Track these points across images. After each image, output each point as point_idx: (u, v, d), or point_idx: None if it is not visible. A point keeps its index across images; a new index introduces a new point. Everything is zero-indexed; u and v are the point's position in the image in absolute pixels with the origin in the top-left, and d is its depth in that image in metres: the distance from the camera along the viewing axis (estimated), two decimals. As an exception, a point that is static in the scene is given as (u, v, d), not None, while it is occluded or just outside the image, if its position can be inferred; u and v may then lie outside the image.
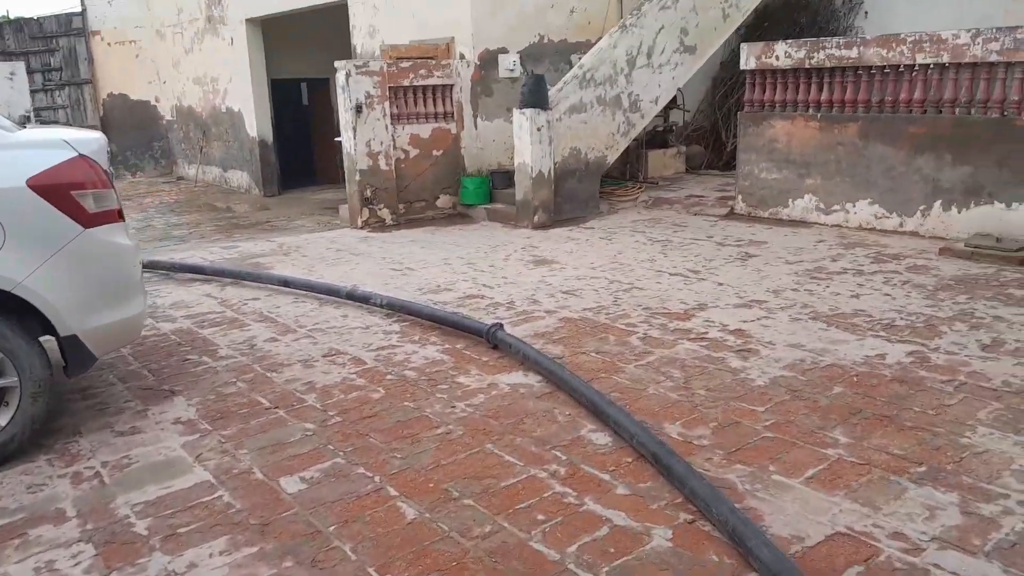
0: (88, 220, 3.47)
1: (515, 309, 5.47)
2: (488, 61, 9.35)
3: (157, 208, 12.69)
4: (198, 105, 15.60)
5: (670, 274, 6.20)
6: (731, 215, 8.36)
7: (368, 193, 8.85)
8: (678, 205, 9.01)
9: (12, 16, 17.16)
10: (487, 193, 9.30)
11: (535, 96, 8.18)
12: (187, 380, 4.37)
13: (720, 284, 5.83)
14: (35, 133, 3.61)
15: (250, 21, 13.23)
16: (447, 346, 4.75)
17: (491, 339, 4.62)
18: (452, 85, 9.25)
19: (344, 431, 3.63)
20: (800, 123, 7.65)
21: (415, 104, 9.11)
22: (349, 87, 8.54)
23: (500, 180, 9.27)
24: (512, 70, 9.37)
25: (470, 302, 5.70)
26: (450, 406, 3.85)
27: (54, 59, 16.91)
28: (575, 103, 8.61)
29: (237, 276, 6.60)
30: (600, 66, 8.69)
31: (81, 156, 3.49)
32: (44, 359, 3.45)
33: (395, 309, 5.41)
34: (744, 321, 4.95)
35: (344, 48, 11.17)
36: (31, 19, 17.38)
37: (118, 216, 3.66)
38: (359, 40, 10.92)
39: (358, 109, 8.59)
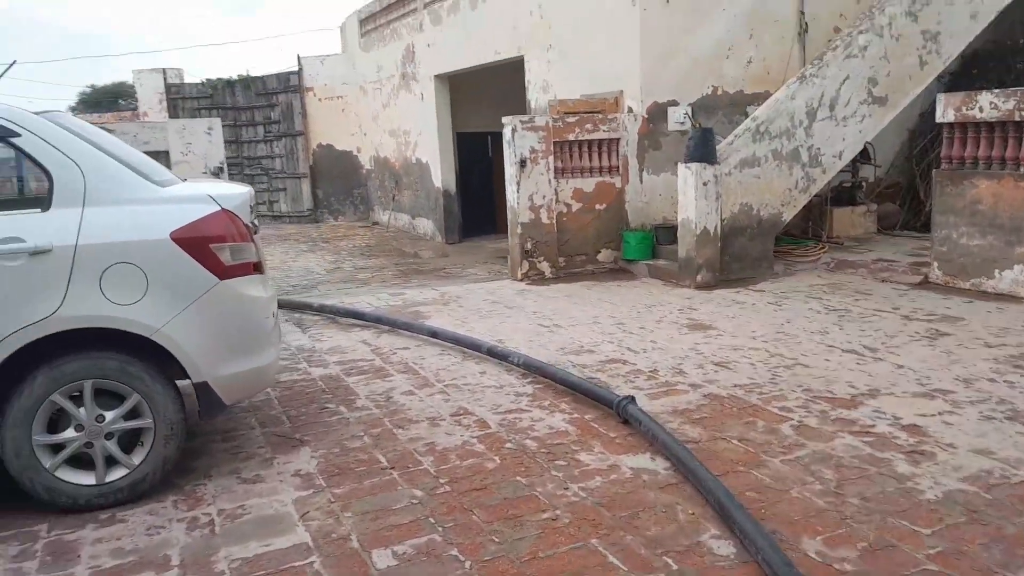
0: (224, 272, 3.62)
1: (657, 379, 5.11)
2: (657, 114, 9.10)
3: (349, 251, 13.49)
4: (392, 156, 16.59)
5: (842, 351, 5.55)
6: (925, 284, 7.42)
7: (528, 246, 8.84)
8: (863, 269, 8.17)
9: (242, 75, 19.39)
10: (649, 248, 8.98)
11: (702, 150, 7.81)
12: (318, 430, 4.45)
13: (900, 367, 5.12)
14: (185, 188, 3.85)
15: (438, 77, 13.90)
16: (575, 415, 4.50)
17: (621, 413, 4.31)
18: (619, 139, 9.09)
19: (450, 503, 3.48)
20: (1009, 183, 6.66)
21: (580, 158, 9.03)
22: (514, 142, 8.63)
23: (664, 235, 8.93)
24: (682, 123, 9.04)
25: (610, 367, 5.41)
26: (563, 487, 3.59)
27: (274, 113, 18.80)
28: (747, 157, 8.12)
29: (393, 324, 6.77)
30: (776, 118, 8.15)
31: (223, 211, 3.67)
32: (179, 403, 3.62)
33: (531, 370, 5.25)
34: (922, 415, 4.27)
35: (525, 102, 11.38)
36: (257, 78, 19.53)
37: (253, 269, 3.80)
38: (533, 95, 11.09)
39: (522, 163, 8.65)
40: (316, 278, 10.60)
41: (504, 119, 8.85)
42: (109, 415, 3.48)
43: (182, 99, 19.92)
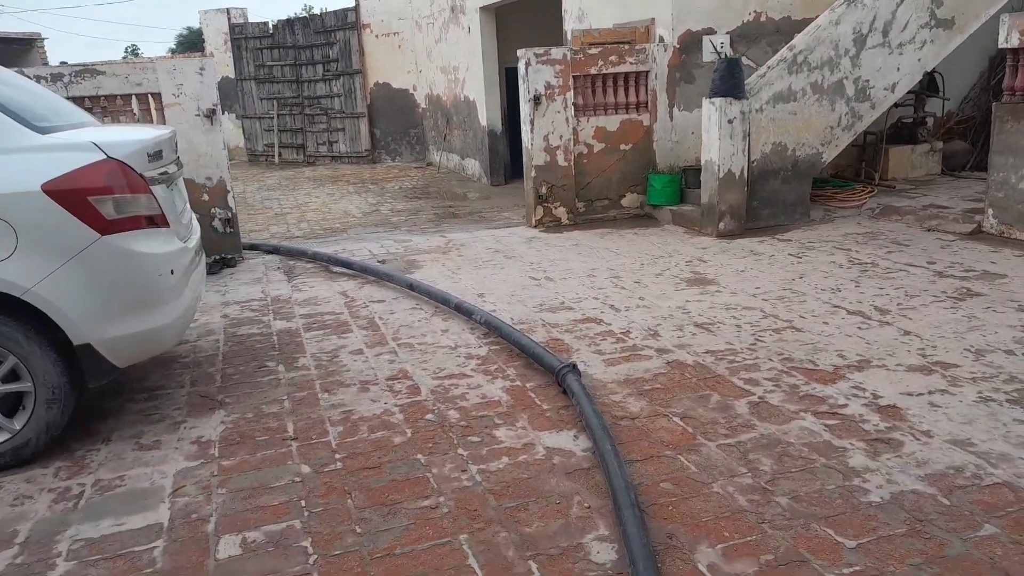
0: (105, 227, 3.36)
1: (625, 342, 4.63)
2: (690, 44, 8.29)
3: (393, 194, 13.24)
4: (444, 94, 16.12)
5: (848, 312, 4.90)
6: (976, 234, 6.54)
7: (543, 191, 8.31)
8: (910, 217, 7.29)
9: (302, 14, 19.15)
10: (676, 193, 8.30)
11: (728, 83, 7.04)
12: (244, 391, 4.22)
13: (906, 333, 4.45)
14: (66, 136, 3.57)
15: (484, 9, 13.23)
16: (517, 384, 4.10)
17: (560, 381, 3.89)
18: (647, 72, 8.35)
19: (332, 483, 3.18)
20: (1078, 118, 5.69)
21: (603, 94, 8.36)
22: (528, 77, 8.05)
23: (694, 178, 8.20)
24: (718, 53, 8.20)
25: (582, 327, 4.96)
26: (461, 469, 3.23)
27: (332, 51, 18.53)
28: (781, 91, 7.29)
29: (376, 275, 6.48)
30: (817, 47, 7.25)
31: (109, 159, 3.39)
32: (61, 366, 3.42)
33: (491, 328, 4.86)
34: (907, 394, 3.66)
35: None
36: (315, 15, 19.30)
37: (146, 222, 3.53)
38: (569, 25, 10.36)
39: (536, 100, 8.07)
40: (350, 221, 10.41)
41: (519, 52, 8.25)
42: (-15, 377, 3.33)
43: (244, 39, 19.93)
